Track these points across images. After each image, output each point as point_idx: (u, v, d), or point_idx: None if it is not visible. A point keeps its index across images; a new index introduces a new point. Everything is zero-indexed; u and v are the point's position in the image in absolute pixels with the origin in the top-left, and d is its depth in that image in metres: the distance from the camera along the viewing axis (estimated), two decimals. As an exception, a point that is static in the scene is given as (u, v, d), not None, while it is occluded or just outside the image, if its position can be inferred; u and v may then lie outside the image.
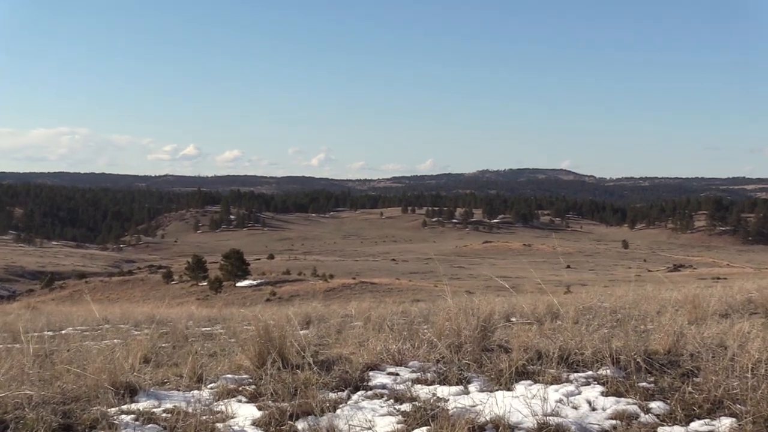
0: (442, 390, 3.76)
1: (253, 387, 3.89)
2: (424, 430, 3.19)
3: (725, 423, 3.20)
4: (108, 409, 3.52)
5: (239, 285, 59.77)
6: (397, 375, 4.12)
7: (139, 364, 4.41)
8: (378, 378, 4.05)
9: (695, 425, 3.23)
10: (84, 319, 10.48)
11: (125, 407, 3.59)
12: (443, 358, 4.28)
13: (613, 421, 3.29)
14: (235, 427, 3.32)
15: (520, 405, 3.42)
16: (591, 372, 4.00)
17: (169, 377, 4.22)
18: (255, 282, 61.18)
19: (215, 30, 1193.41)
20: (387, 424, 3.30)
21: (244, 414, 3.48)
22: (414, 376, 4.08)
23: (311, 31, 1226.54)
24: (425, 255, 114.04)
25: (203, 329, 8.47)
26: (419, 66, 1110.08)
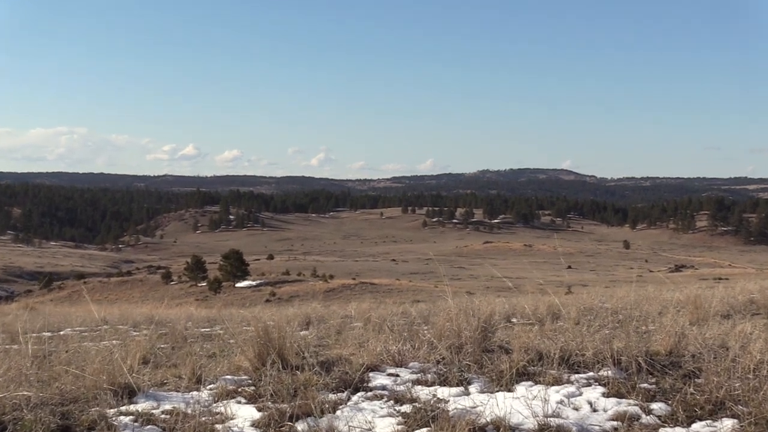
0: (442, 391, 3.76)
1: (253, 388, 3.89)
2: (424, 431, 3.18)
3: (727, 424, 3.19)
4: (107, 411, 3.52)
5: (239, 285, 59.80)
6: (398, 376, 4.11)
7: (138, 365, 4.40)
8: (378, 379, 4.04)
9: (697, 426, 3.23)
10: (82, 320, 10.46)
11: (124, 408, 3.59)
12: (443, 359, 4.28)
13: (615, 423, 3.29)
14: (235, 429, 3.32)
15: (520, 406, 3.42)
16: (592, 373, 4.00)
17: (168, 378, 4.22)
18: (254, 282, 61.20)
19: (214, 30, 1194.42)
20: (387, 425, 3.30)
21: (243, 415, 3.47)
22: (414, 377, 4.07)
23: (311, 31, 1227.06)
24: (425, 255, 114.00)
25: (202, 330, 8.45)
26: (419, 66, 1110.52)
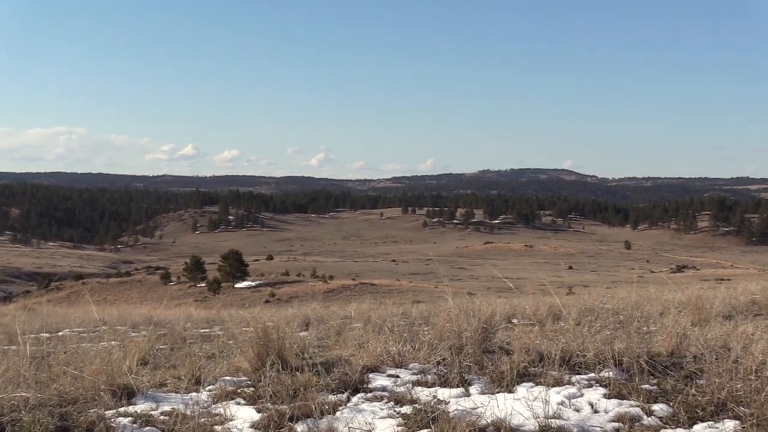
0: (442, 392, 3.74)
1: (252, 389, 3.87)
2: (424, 432, 3.16)
3: (729, 426, 3.18)
4: (105, 412, 3.51)
5: (238, 286, 59.79)
6: (398, 377, 4.10)
7: (137, 366, 4.39)
8: (378, 380, 4.03)
9: (698, 428, 3.21)
10: (81, 321, 10.45)
11: (123, 410, 3.59)
12: (444, 360, 4.26)
13: (616, 424, 3.27)
14: (234, 430, 3.31)
15: (521, 407, 3.41)
16: (593, 374, 3.99)
17: (167, 379, 4.21)
18: (254, 283, 61.21)
19: (214, 29, 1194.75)
20: (387, 426, 3.29)
21: (242, 416, 3.46)
22: (414, 378, 4.06)
23: (311, 31, 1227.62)
24: (426, 256, 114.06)
25: (201, 331, 8.43)
26: (419, 66, 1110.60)
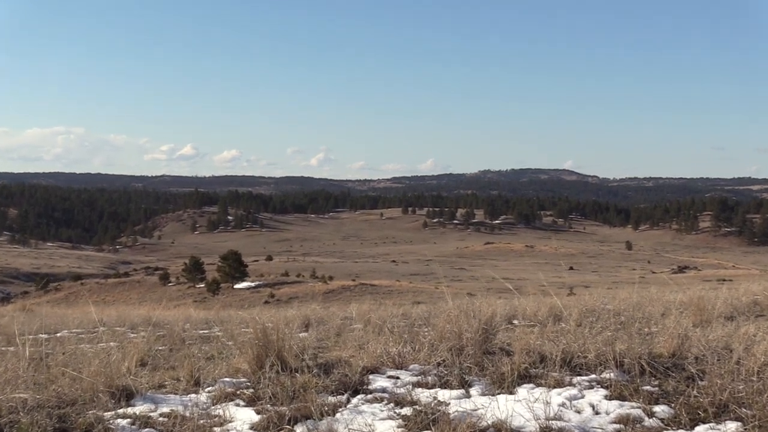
0: (443, 394, 3.73)
1: (251, 390, 3.86)
2: (425, 434, 3.15)
3: (731, 427, 3.17)
4: (104, 413, 3.50)
5: (237, 287, 59.76)
6: (398, 378, 4.08)
7: (136, 367, 4.38)
8: (378, 381, 4.02)
9: (700, 429, 3.20)
10: (80, 322, 10.43)
11: (121, 411, 3.58)
12: (444, 361, 4.25)
13: (617, 425, 3.26)
14: (233, 431, 3.28)
15: (522, 409, 3.39)
16: (594, 375, 3.97)
17: (166, 381, 4.20)
18: (253, 284, 61.19)
19: (213, 29, 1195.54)
20: (387, 428, 3.27)
21: (242, 418, 3.45)
22: (415, 379, 4.04)
23: (311, 31, 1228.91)
24: (426, 256, 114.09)
25: (200, 332, 8.42)
26: (419, 66, 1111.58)
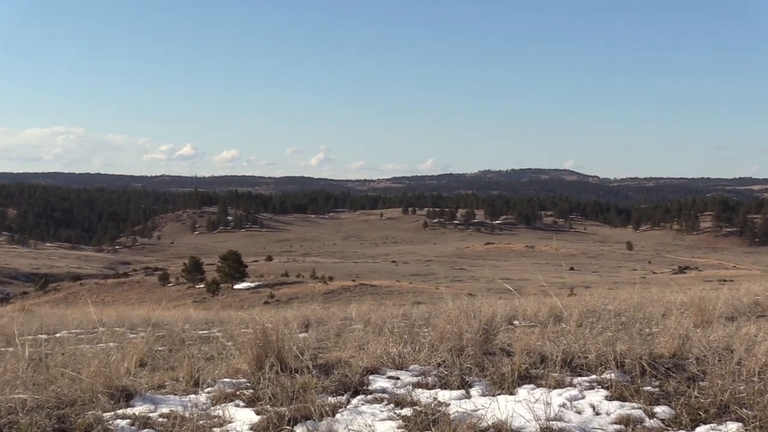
0: (443, 394, 3.72)
1: (251, 391, 3.85)
2: (425, 435, 3.14)
3: (732, 428, 3.17)
4: (103, 414, 3.50)
5: (237, 287, 59.76)
6: (398, 379, 4.08)
7: (135, 367, 4.37)
8: (378, 382, 4.01)
9: (701, 430, 3.20)
10: (79, 322, 10.42)
11: (121, 412, 3.57)
12: (444, 361, 4.24)
13: (618, 426, 3.26)
14: (233, 433, 3.27)
15: (522, 410, 3.39)
16: (595, 376, 3.97)
17: (166, 381, 4.19)
18: (253, 284, 61.19)
19: (213, 29, 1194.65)
20: (387, 428, 3.27)
21: (241, 418, 3.44)
22: (415, 380, 4.04)
23: (311, 31, 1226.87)
24: (426, 257, 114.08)
25: (200, 332, 8.41)
26: (419, 66, 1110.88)
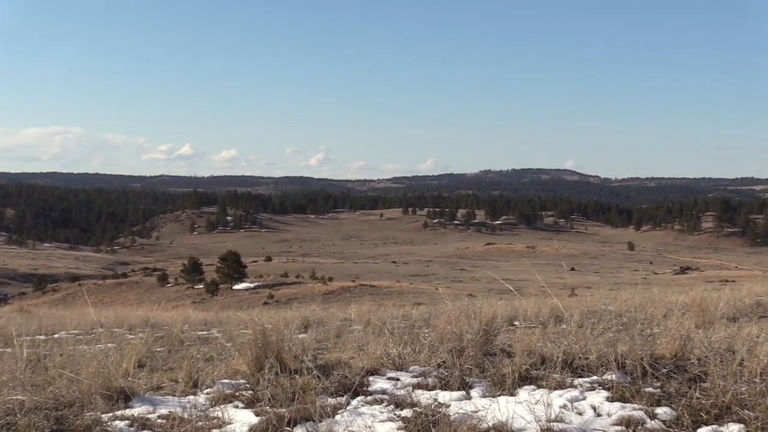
0: (443, 395, 3.71)
1: (251, 392, 3.84)
2: (425, 436, 3.13)
3: (733, 429, 3.16)
4: (101, 415, 3.49)
5: (236, 288, 59.70)
6: (398, 380, 4.07)
7: (134, 368, 4.35)
8: (378, 383, 4.00)
9: (702, 431, 3.17)
10: (77, 323, 10.39)
11: (119, 413, 3.56)
12: (445, 362, 4.23)
13: (619, 427, 3.25)
14: (232, 434, 3.26)
15: (523, 411, 3.38)
16: (596, 377, 3.96)
17: (165, 382, 4.19)
18: (252, 285, 61.12)
19: (212, 29, 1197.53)
20: (387, 429, 3.26)
21: (241, 420, 3.43)
22: (415, 381, 4.03)
23: (311, 31, 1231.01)
24: (426, 257, 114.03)
25: (199, 333, 8.39)
26: (419, 65, 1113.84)
